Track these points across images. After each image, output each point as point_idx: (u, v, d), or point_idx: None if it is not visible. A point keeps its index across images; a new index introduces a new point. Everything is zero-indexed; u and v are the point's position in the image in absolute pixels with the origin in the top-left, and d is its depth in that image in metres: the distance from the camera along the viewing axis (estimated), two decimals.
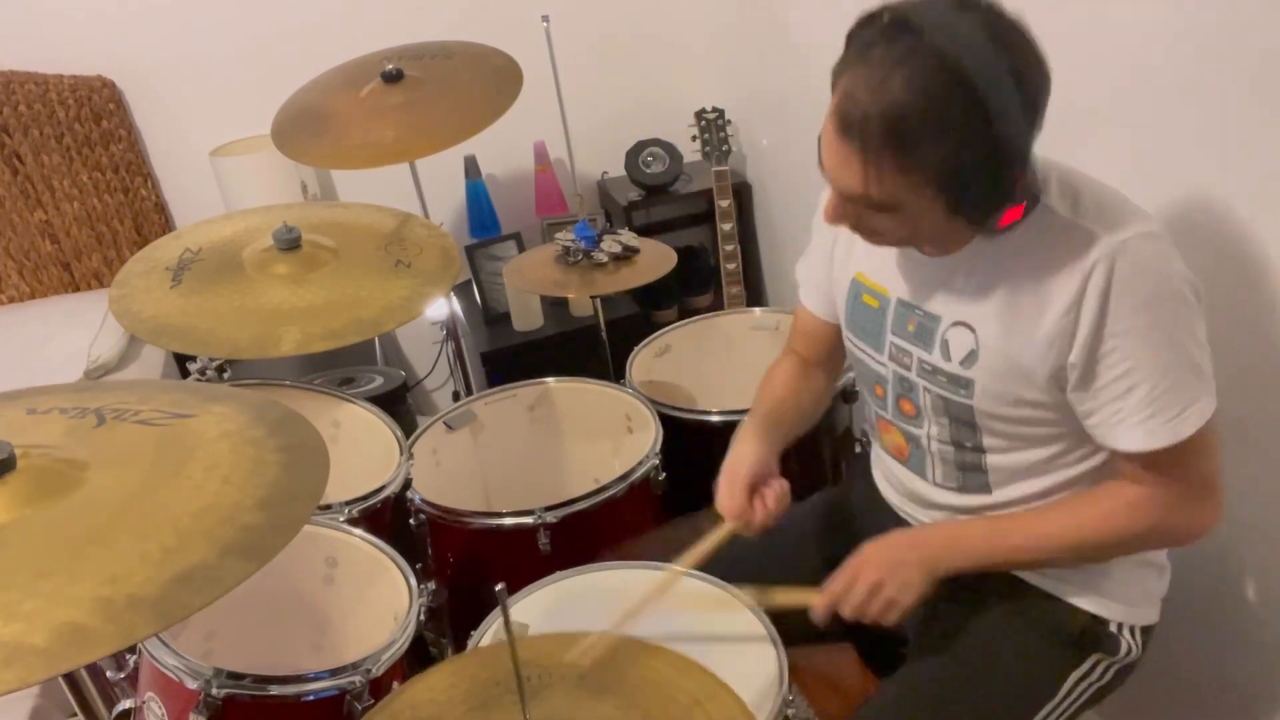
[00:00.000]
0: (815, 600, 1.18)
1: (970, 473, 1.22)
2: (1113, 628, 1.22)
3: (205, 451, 0.92)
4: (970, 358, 1.14)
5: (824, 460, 1.88)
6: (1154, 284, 1.03)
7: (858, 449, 1.89)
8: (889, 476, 1.37)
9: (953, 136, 0.96)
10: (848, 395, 1.82)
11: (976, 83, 0.94)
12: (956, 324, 1.15)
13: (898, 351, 1.23)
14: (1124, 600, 1.23)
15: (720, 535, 1.27)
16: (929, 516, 1.31)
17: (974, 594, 1.23)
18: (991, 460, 1.20)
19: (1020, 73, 0.96)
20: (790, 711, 1.14)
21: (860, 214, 1.08)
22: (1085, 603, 1.22)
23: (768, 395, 1.42)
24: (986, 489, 1.22)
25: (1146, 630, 1.25)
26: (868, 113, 0.97)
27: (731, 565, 1.30)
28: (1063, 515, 1.16)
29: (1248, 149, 1.20)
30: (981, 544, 1.19)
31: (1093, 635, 1.22)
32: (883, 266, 1.23)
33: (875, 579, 1.15)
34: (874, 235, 1.12)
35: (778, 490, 1.28)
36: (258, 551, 0.81)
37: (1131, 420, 1.06)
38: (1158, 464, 1.07)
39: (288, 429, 0.98)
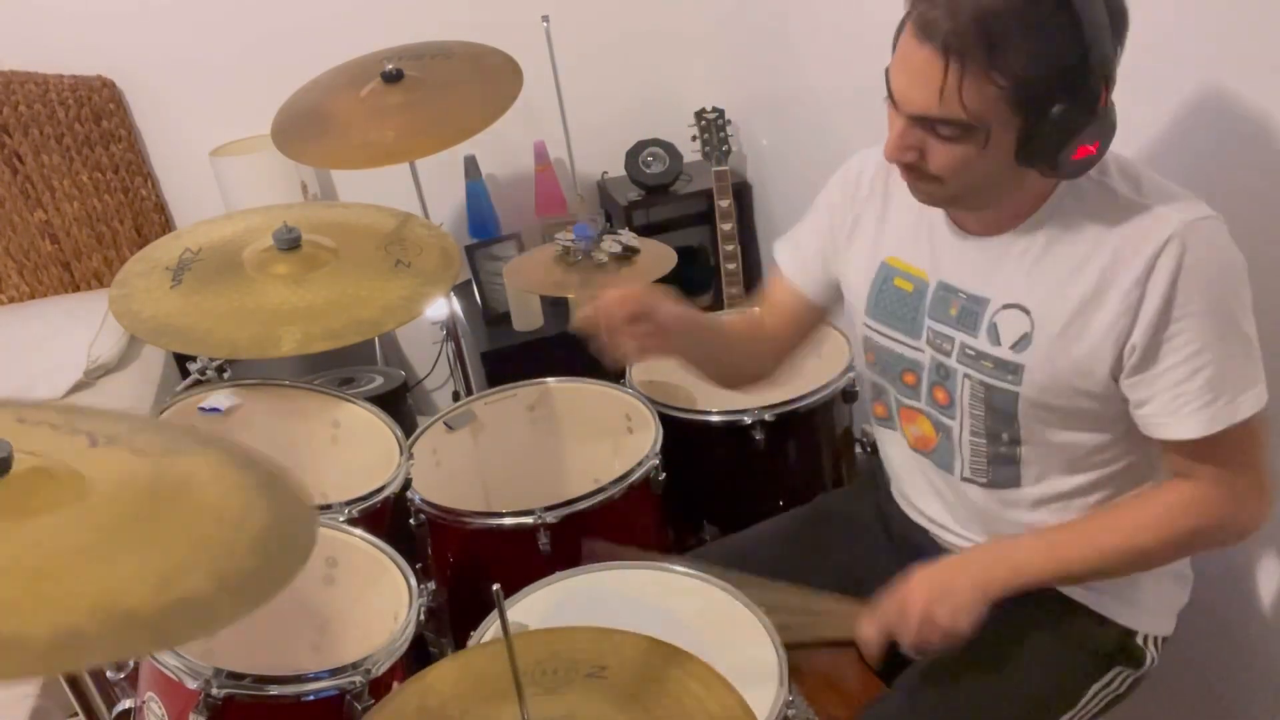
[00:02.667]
0: (864, 630, 1.14)
1: (1001, 466, 1.18)
2: (1139, 639, 1.21)
3: (197, 493, 0.89)
4: (1023, 341, 1.09)
5: (823, 461, 1.87)
6: (1222, 267, 1.02)
7: (858, 450, 1.88)
8: (905, 470, 1.32)
9: (1041, 38, 0.92)
10: (848, 395, 1.81)
11: None
12: (1008, 306, 1.10)
13: (936, 337, 1.18)
14: (1152, 611, 1.21)
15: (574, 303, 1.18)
16: (949, 512, 1.27)
17: (998, 602, 1.19)
18: (1026, 452, 1.15)
19: None
20: (790, 713, 1.14)
21: (927, 144, 1.01)
22: (1117, 615, 1.20)
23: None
24: (1016, 483, 1.18)
25: (1165, 641, 1.24)
26: (955, 10, 0.92)
27: (736, 570, 1.28)
28: (1119, 522, 1.11)
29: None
30: (1036, 559, 1.13)
31: (1122, 647, 1.20)
32: (921, 249, 1.18)
33: (924, 606, 1.10)
34: (931, 183, 1.05)
35: (653, 331, 1.21)
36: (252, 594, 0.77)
37: (1192, 405, 1.03)
38: (1213, 453, 1.05)
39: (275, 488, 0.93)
